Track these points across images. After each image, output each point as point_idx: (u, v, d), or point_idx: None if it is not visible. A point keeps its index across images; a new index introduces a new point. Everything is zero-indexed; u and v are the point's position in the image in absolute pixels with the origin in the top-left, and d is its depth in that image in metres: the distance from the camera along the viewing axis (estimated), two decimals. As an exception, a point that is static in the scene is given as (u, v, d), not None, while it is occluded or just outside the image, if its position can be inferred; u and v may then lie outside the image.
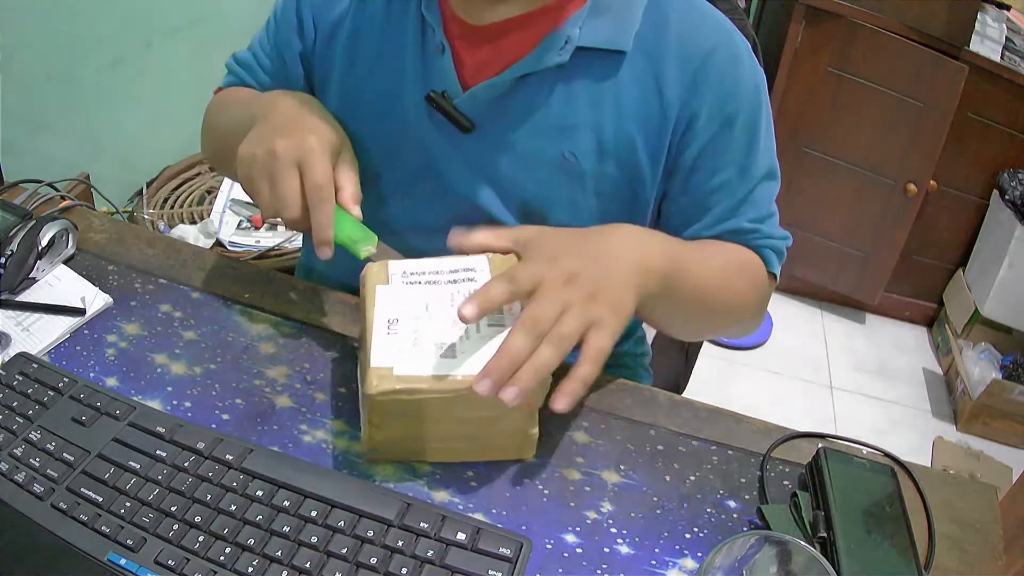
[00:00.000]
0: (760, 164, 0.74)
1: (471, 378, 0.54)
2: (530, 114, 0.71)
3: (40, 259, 0.73)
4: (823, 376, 2.22)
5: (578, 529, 0.60)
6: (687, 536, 0.60)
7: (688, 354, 1.13)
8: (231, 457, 0.58)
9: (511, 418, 0.60)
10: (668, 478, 0.65)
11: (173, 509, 0.55)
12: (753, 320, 0.79)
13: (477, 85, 0.70)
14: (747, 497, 0.64)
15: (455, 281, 0.62)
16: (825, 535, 0.58)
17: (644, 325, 1.02)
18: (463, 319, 0.54)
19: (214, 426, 0.64)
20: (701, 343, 1.15)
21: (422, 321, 0.59)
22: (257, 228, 1.58)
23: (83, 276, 0.75)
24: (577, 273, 0.57)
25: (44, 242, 0.73)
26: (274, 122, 0.67)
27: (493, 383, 0.53)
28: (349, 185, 0.66)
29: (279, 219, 0.65)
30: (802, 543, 0.50)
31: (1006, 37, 1.97)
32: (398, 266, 0.64)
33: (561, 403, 0.54)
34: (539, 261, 0.59)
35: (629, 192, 0.74)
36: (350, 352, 0.72)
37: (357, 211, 0.66)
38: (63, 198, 0.87)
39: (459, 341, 0.58)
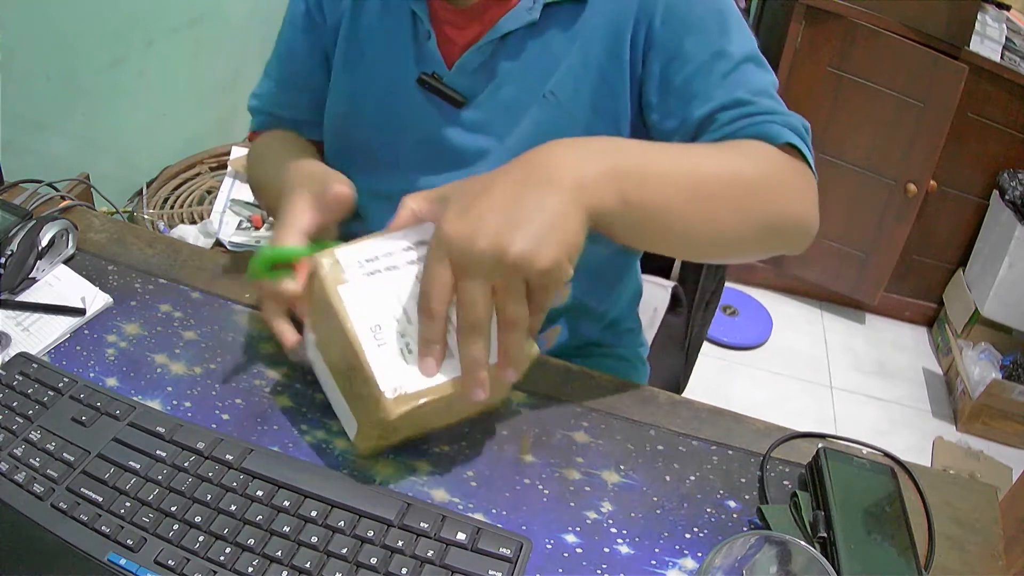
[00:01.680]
0: (736, 47, 0.70)
1: None
2: (512, 70, 0.75)
3: (40, 259, 0.73)
4: (823, 376, 2.22)
5: (578, 529, 0.60)
6: (687, 536, 0.60)
7: (688, 354, 1.13)
8: (231, 457, 0.58)
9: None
10: (668, 478, 0.65)
11: (173, 509, 0.55)
12: (787, 215, 0.67)
13: (461, 57, 0.75)
14: (747, 497, 0.64)
15: (413, 261, 0.59)
16: (825, 535, 0.58)
17: (639, 313, 1.02)
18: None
19: (214, 426, 0.64)
20: (701, 343, 1.15)
21: (403, 322, 0.57)
22: (257, 228, 1.58)
23: (83, 276, 0.75)
24: (500, 230, 0.51)
25: (44, 242, 0.73)
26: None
27: (482, 391, 0.55)
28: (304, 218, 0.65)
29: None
30: (802, 543, 0.50)
31: (1006, 37, 1.97)
32: (348, 256, 0.58)
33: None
34: (455, 232, 0.53)
35: (611, 118, 0.75)
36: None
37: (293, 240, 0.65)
38: (63, 198, 0.87)
39: (452, 337, 0.57)
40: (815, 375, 2.21)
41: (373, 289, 0.57)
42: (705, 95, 0.69)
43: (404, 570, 0.53)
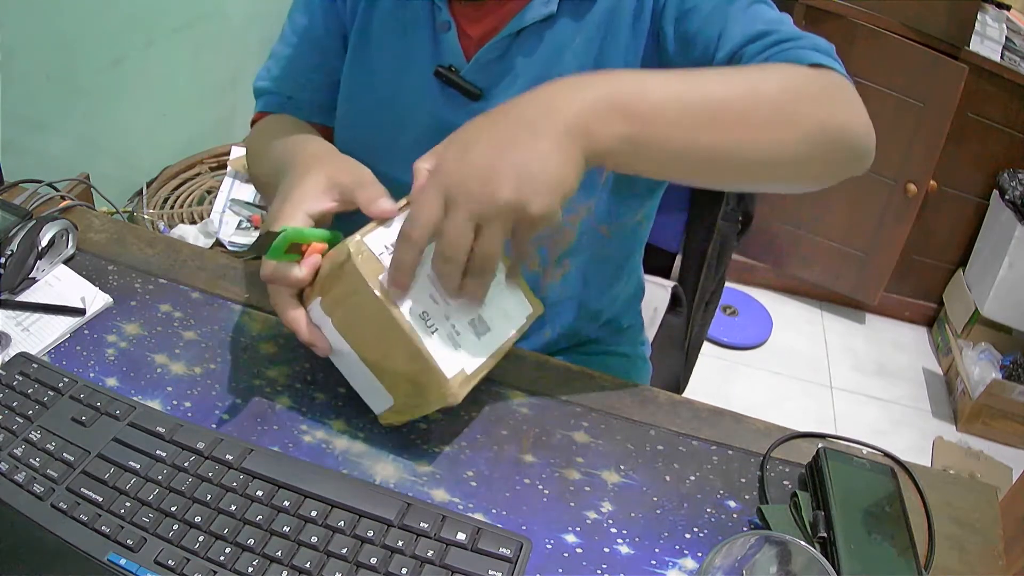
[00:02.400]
0: None
1: (513, 336, 0.64)
2: (527, 62, 0.75)
3: (40, 259, 0.73)
4: (823, 376, 2.22)
5: (578, 529, 0.60)
6: (687, 536, 0.60)
7: (688, 354, 1.14)
8: (231, 457, 0.58)
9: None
10: (668, 478, 0.65)
11: (173, 509, 0.55)
12: (832, 124, 0.62)
13: (479, 51, 0.75)
14: (747, 497, 0.64)
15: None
16: (825, 535, 0.58)
17: (642, 312, 1.02)
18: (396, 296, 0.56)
19: (214, 426, 0.64)
20: (701, 343, 1.15)
21: (443, 303, 0.59)
22: (257, 228, 1.58)
23: (83, 276, 0.75)
24: (493, 173, 0.52)
25: (44, 242, 0.73)
26: (278, 197, 0.65)
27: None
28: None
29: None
30: (802, 543, 0.50)
31: (1006, 37, 1.98)
32: (376, 242, 0.58)
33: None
34: (452, 169, 0.54)
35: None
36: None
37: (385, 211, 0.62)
38: (63, 198, 0.87)
39: (484, 310, 0.61)
40: (815, 375, 2.21)
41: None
42: (725, 36, 0.67)
43: (404, 570, 0.53)
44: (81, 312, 0.71)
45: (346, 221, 0.65)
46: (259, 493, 0.56)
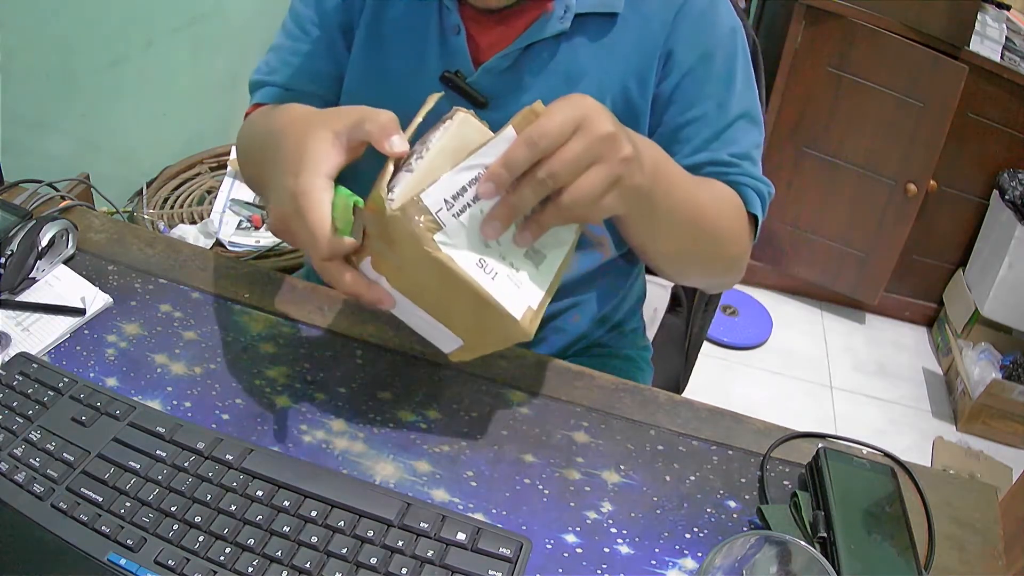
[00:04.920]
0: (737, 103, 0.76)
1: (567, 257, 0.61)
2: (537, 77, 0.75)
3: (40, 259, 0.73)
4: (823, 376, 2.22)
5: (578, 529, 0.60)
6: (687, 536, 0.60)
7: (688, 354, 1.14)
8: (231, 457, 0.58)
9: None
10: (668, 478, 0.65)
11: (173, 509, 0.55)
12: (733, 264, 0.79)
13: (489, 60, 0.74)
14: (747, 497, 0.64)
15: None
16: (825, 535, 0.58)
17: (643, 317, 1.02)
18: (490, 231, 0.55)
19: (214, 426, 0.64)
20: (701, 343, 1.15)
21: (494, 244, 0.57)
22: (257, 228, 1.58)
23: (83, 276, 0.75)
24: (627, 145, 0.56)
25: (44, 242, 0.73)
26: (280, 168, 0.61)
27: (494, 231, 0.55)
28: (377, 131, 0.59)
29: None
30: (802, 543, 0.50)
31: (1006, 37, 1.97)
32: (434, 197, 0.55)
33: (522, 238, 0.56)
34: (579, 107, 0.54)
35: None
36: (350, 352, 0.72)
37: (396, 146, 0.58)
38: (63, 198, 0.87)
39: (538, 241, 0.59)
40: (815, 375, 2.21)
41: (465, 225, 0.56)
42: (696, 146, 0.76)
43: (404, 570, 0.53)
44: (81, 312, 0.71)
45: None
46: (259, 493, 0.56)
